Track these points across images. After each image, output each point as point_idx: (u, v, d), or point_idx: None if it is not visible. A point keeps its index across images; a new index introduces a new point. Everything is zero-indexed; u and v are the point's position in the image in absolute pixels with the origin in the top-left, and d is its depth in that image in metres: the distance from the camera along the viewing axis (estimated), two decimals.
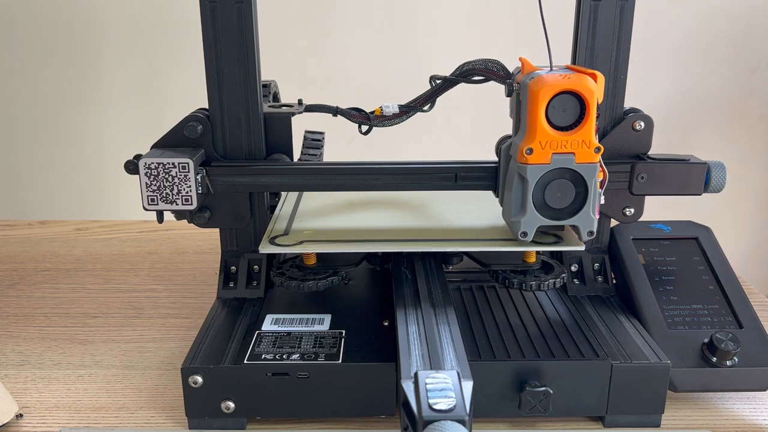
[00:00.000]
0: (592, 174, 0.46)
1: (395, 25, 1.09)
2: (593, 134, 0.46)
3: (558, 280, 0.52)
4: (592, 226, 0.48)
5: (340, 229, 0.55)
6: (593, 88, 0.45)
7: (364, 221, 0.57)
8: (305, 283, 0.53)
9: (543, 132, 0.45)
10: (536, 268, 0.54)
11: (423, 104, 0.56)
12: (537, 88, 0.45)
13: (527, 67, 0.48)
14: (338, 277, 0.54)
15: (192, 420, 0.48)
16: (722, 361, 0.48)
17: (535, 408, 0.46)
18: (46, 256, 0.82)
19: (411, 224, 0.57)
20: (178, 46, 1.09)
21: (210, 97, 0.54)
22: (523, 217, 0.48)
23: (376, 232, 0.54)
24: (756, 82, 1.13)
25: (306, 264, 0.55)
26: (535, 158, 0.46)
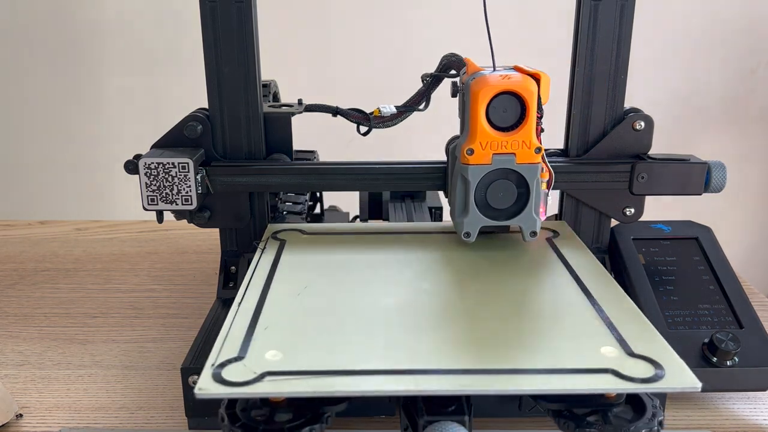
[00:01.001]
0: (533, 174, 0.46)
1: (395, 25, 1.09)
2: (533, 135, 0.46)
3: (655, 429, 0.36)
4: (535, 226, 0.48)
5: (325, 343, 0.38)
6: (533, 89, 0.45)
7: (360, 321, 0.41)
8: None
9: (483, 132, 0.45)
10: (619, 407, 0.37)
11: (418, 103, 0.56)
12: (477, 89, 0.45)
13: (471, 67, 0.48)
14: (320, 426, 0.36)
15: (192, 420, 0.48)
16: (722, 361, 0.48)
17: (535, 408, 0.46)
18: (45, 256, 0.82)
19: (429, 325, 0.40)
20: (178, 47, 1.09)
21: (210, 97, 0.54)
22: (465, 217, 0.48)
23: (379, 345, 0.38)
24: (756, 82, 1.13)
25: (273, 401, 0.37)
26: (476, 159, 0.46)
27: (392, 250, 0.52)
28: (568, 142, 0.56)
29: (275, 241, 0.53)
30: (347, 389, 0.34)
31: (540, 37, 0.89)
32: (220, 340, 0.38)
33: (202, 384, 0.34)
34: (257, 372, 0.35)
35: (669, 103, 1.13)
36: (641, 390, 0.34)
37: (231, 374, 0.34)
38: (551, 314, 0.41)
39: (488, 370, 0.35)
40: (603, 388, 0.34)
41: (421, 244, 0.53)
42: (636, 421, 0.36)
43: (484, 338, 0.39)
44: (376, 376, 0.35)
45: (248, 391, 0.34)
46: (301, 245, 0.53)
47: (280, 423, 0.36)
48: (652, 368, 0.35)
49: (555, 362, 0.36)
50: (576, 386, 0.34)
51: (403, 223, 0.65)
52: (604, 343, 0.37)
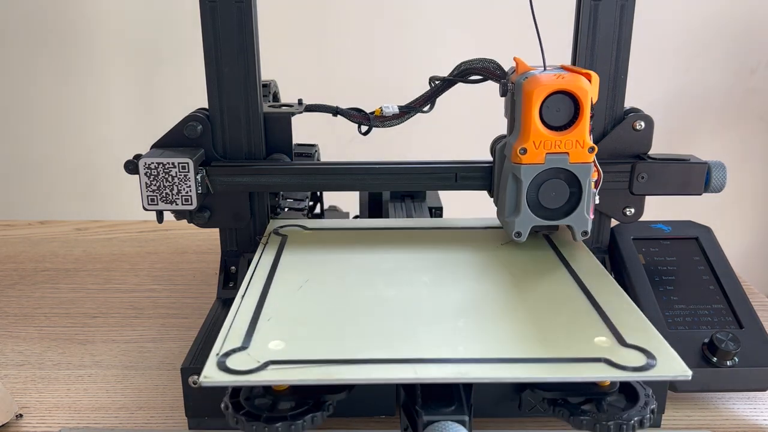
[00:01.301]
0: (586, 174, 0.46)
1: (395, 25, 1.09)
2: (587, 134, 0.46)
3: (647, 416, 0.37)
4: (587, 226, 0.48)
5: (327, 333, 0.39)
6: (587, 88, 0.45)
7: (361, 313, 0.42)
8: (271, 426, 0.36)
9: (537, 132, 0.45)
10: (612, 395, 0.39)
11: (422, 105, 0.56)
12: (531, 88, 0.45)
13: (521, 66, 0.48)
14: (322, 414, 0.37)
15: (192, 420, 0.48)
16: (722, 361, 0.48)
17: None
18: (45, 256, 0.82)
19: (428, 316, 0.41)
20: (178, 46, 1.09)
21: (210, 97, 0.54)
22: (517, 217, 0.47)
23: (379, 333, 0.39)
24: (756, 82, 1.13)
25: (276, 388, 0.38)
26: (529, 158, 0.46)
27: (393, 245, 0.53)
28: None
29: (277, 236, 0.54)
30: (349, 377, 0.35)
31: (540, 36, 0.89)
32: (224, 331, 0.38)
33: (207, 372, 0.34)
34: (261, 361, 0.35)
35: (669, 103, 1.13)
36: (633, 378, 0.36)
37: (235, 363, 0.35)
38: (547, 307, 0.42)
39: (485, 360, 0.36)
40: (596, 377, 0.36)
41: (422, 241, 0.54)
42: (629, 409, 0.37)
43: (481, 329, 0.39)
44: (376, 364, 0.35)
45: (252, 379, 0.34)
46: (303, 241, 0.53)
47: (282, 411, 0.37)
48: (644, 357, 0.36)
49: (550, 352, 0.36)
50: (570, 375, 0.35)
51: (404, 220, 0.65)
52: (598, 334, 0.38)
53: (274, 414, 0.37)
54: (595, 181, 0.48)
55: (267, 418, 0.36)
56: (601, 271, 0.47)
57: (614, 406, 0.38)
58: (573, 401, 0.38)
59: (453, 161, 0.54)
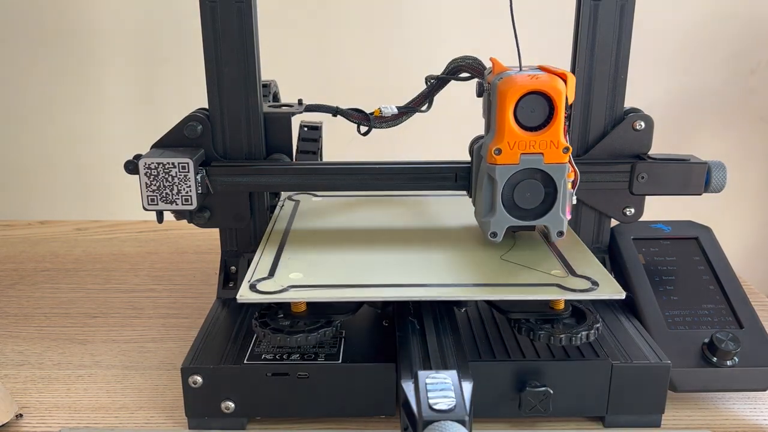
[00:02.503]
0: (561, 174, 0.46)
1: (395, 25, 1.09)
2: (562, 134, 0.46)
3: (592, 332, 0.45)
4: (562, 226, 0.48)
5: (335, 265, 0.48)
6: (562, 88, 0.45)
7: (364, 251, 0.51)
8: (292, 336, 0.45)
9: (511, 132, 0.45)
10: (565, 316, 0.47)
11: (420, 104, 0.56)
12: (505, 88, 0.45)
13: (497, 67, 0.48)
14: (332, 329, 0.46)
15: (192, 420, 0.48)
16: (722, 361, 0.48)
17: (535, 408, 0.46)
18: (45, 256, 0.82)
19: (418, 254, 0.50)
20: (178, 46, 1.09)
21: (210, 97, 0.54)
22: (492, 217, 0.48)
23: (378, 265, 0.48)
24: (756, 82, 1.13)
25: (294, 311, 0.47)
26: (504, 158, 0.46)
27: (395, 204, 0.62)
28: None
29: (291, 201, 0.63)
30: (353, 295, 0.44)
31: (540, 37, 0.90)
32: (253, 265, 0.48)
33: (242, 292, 0.43)
34: (284, 285, 0.45)
35: (669, 103, 1.13)
36: (576, 297, 0.44)
37: (264, 287, 0.44)
38: (516, 251, 0.51)
39: (465, 284, 0.45)
40: (548, 297, 0.44)
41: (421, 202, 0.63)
42: (578, 326, 0.46)
43: (463, 266, 0.48)
44: (376, 288, 0.45)
45: (277, 297, 0.44)
46: (314, 204, 0.63)
47: (300, 326, 0.45)
48: (589, 283, 0.45)
49: (516, 280, 0.46)
50: (529, 295, 0.44)
51: None
52: (553, 268, 0.47)
53: (294, 329, 0.45)
54: (571, 181, 0.48)
55: (288, 331, 0.45)
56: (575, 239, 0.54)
57: (567, 324, 0.46)
58: (534, 320, 0.46)
59: (453, 161, 0.54)
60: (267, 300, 0.44)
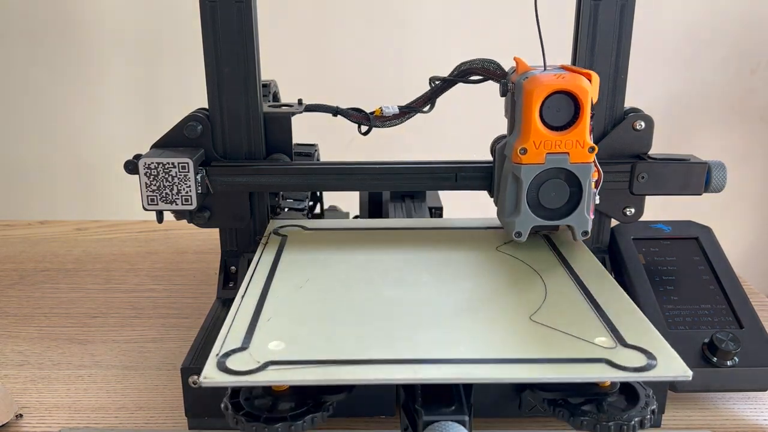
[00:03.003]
0: (586, 174, 0.46)
1: (396, 25, 1.09)
2: (587, 134, 0.46)
3: (647, 417, 0.37)
4: (587, 226, 0.48)
5: (326, 334, 0.39)
6: (587, 87, 0.45)
7: (361, 312, 0.42)
8: (271, 427, 0.36)
9: (537, 132, 0.45)
10: (613, 396, 0.38)
11: (423, 105, 0.56)
12: (531, 88, 0.45)
13: (522, 66, 0.48)
14: (322, 414, 0.37)
15: (192, 420, 0.48)
16: (723, 361, 0.48)
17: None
18: (45, 256, 0.82)
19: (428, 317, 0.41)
20: (178, 46, 1.09)
21: (210, 97, 0.54)
22: (517, 217, 0.47)
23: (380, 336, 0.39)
24: (756, 82, 1.13)
25: (275, 389, 0.38)
26: (530, 158, 0.46)
27: (393, 245, 0.53)
28: None
29: (277, 236, 0.54)
30: (348, 377, 0.34)
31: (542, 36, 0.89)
32: (224, 331, 0.38)
33: (207, 373, 0.34)
34: (261, 361, 0.35)
35: (669, 103, 1.13)
36: (633, 378, 0.35)
37: (235, 363, 0.35)
38: (548, 308, 0.42)
39: (486, 360, 0.36)
40: (596, 377, 0.35)
41: (421, 241, 0.54)
42: (629, 409, 0.37)
43: (481, 330, 0.39)
44: (376, 365, 0.35)
45: (252, 379, 0.34)
46: (302, 241, 0.54)
47: (282, 411, 0.37)
48: (645, 358, 0.36)
49: (551, 352, 0.36)
50: (570, 375, 0.35)
51: (404, 220, 0.65)
52: (598, 334, 0.38)
53: (273, 414, 0.37)
54: (595, 181, 0.48)
55: (267, 418, 0.36)
56: (601, 271, 0.47)
57: (614, 406, 0.38)
58: (573, 402, 0.38)
59: (453, 161, 0.54)
60: (239, 383, 0.35)
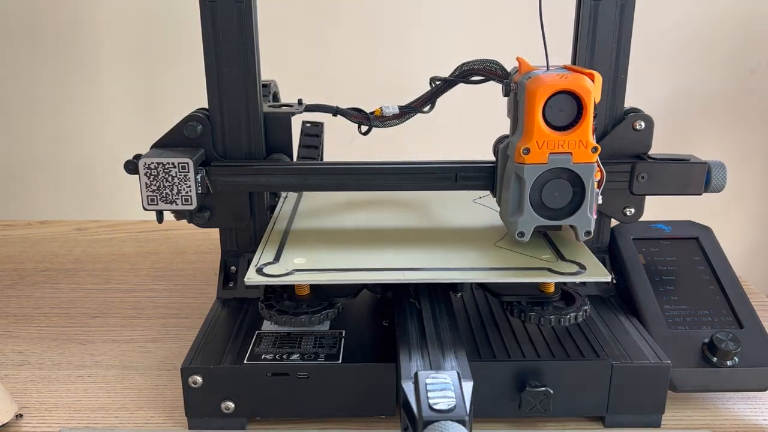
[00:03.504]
0: (589, 174, 0.46)
1: (396, 25, 1.09)
2: (590, 134, 0.45)
3: (580, 313, 0.48)
4: (590, 226, 0.48)
5: (337, 250, 0.51)
6: (590, 87, 0.45)
7: (364, 235, 0.54)
8: (297, 317, 0.48)
9: (540, 132, 0.45)
10: (555, 299, 0.50)
11: (423, 105, 0.56)
12: (534, 88, 0.45)
13: (524, 66, 0.48)
14: (334, 310, 0.49)
15: (192, 420, 0.48)
16: (722, 361, 0.48)
17: (535, 408, 0.46)
18: (45, 256, 0.82)
19: (416, 235, 0.53)
20: (178, 46, 1.09)
21: (210, 97, 0.54)
22: (520, 217, 0.47)
23: (378, 252, 0.50)
24: (756, 82, 1.13)
25: (298, 294, 0.50)
26: (532, 158, 0.46)
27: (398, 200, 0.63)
28: None
29: (294, 193, 0.65)
30: (353, 278, 0.46)
31: (540, 36, 0.89)
32: (259, 250, 0.50)
33: (249, 276, 0.45)
34: (289, 269, 0.47)
35: (669, 103, 1.13)
36: (565, 280, 0.47)
37: (270, 270, 0.47)
38: (509, 239, 0.52)
39: (460, 269, 0.47)
40: (540, 280, 0.48)
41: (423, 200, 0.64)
42: (567, 309, 0.49)
43: (458, 251, 0.50)
44: (374, 272, 0.47)
45: (283, 280, 0.46)
46: (317, 194, 0.65)
47: (304, 308, 0.48)
48: (577, 267, 0.47)
49: (508, 264, 0.48)
50: (521, 278, 0.46)
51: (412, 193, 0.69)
52: (545, 254, 0.49)
53: (298, 310, 0.48)
54: (598, 181, 0.48)
55: (293, 312, 0.48)
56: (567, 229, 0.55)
57: (556, 307, 0.49)
58: (525, 303, 0.49)
59: (453, 161, 0.54)
60: (273, 282, 0.45)
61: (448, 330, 0.46)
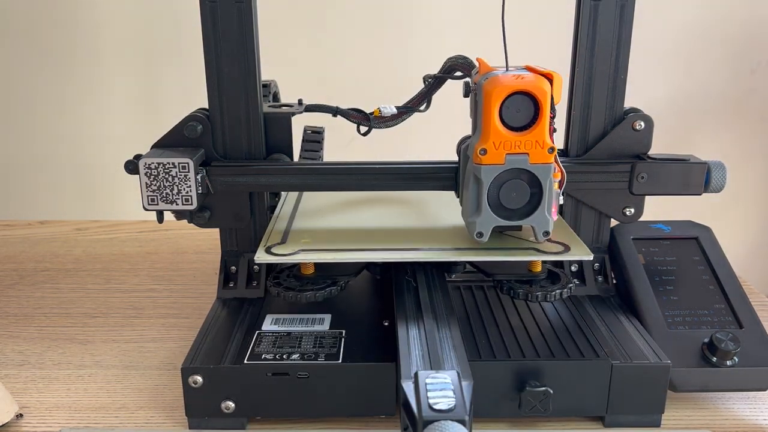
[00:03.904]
0: (546, 174, 0.46)
1: (396, 25, 1.09)
2: (547, 134, 0.45)
3: (565, 290, 0.51)
4: (548, 226, 0.48)
5: (339, 235, 0.54)
6: (547, 89, 0.44)
7: (365, 224, 0.56)
8: (303, 293, 0.51)
9: (497, 132, 0.45)
10: (542, 277, 0.53)
11: (419, 104, 0.56)
12: (490, 89, 0.45)
13: (484, 67, 0.48)
14: (337, 288, 0.52)
15: (192, 420, 0.48)
16: (722, 361, 0.48)
17: (535, 408, 0.46)
18: (45, 256, 0.82)
19: (413, 226, 0.56)
20: (178, 46, 1.09)
21: (210, 97, 0.54)
22: (478, 217, 0.47)
23: (378, 237, 0.53)
24: (756, 82, 1.13)
25: (303, 273, 0.53)
26: (489, 159, 0.46)
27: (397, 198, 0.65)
28: (568, 142, 0.56)
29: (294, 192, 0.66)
30: (357, 257, 0.50)
31: (540, 37, 0.90)
32: (267, 233, 0.54)
33: (259, 255, 0.49)
34: (295, 249, 0.50)
35: (669, 103, 1.13)
36: (549, 259, 0.49)
37: (278, 250, 0.50)
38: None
39: (453, 249, 0.50)
40: (527, 258, 0.50)
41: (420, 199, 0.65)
42: (553, 286, 0.51)
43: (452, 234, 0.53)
44: (376, 251, 0.50)
45: (290, 259, 0.49)
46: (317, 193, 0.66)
47: (309, 286, 0.52)
48: (561, 247, 0.50)
49: (498, 245, 0.50)
50: (510, 257, 0.49)
51: None
52: (531, 235, 0.50)
53: (303, 288, 0.52)
54: (558, 181, 0.48)
55: (299, 289, 0.51)
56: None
57: (542, 285, 0.52)
58: (514, 282, 0.52)
59: (453, 161, 0.54)
60: (281, 261, 0.49)
61: (442, 303, 0.49)
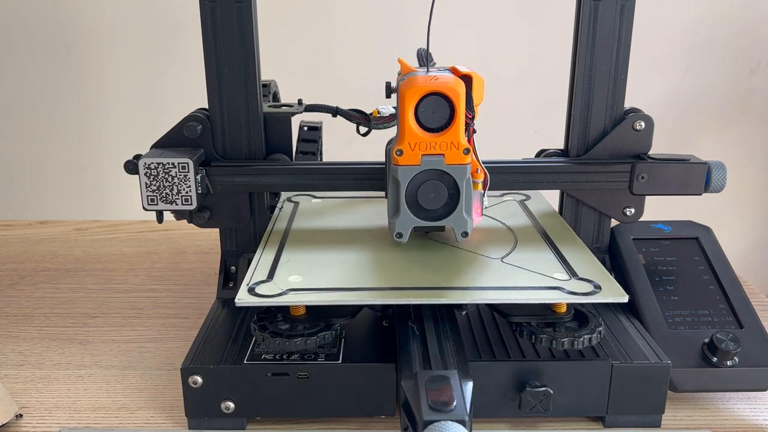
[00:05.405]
0: (462, 175, 0.46)
1: (395, 25, 1.09)
2: (462, 135, 0.45)
3: (594, 335, 0.45)
4: (466, 227, 0.47)
5: (334, 270, 0.48)
6: (461, 90, 0.44)
7: (363, 258, 0.50)
8: (291, 340, 0.44)
9: (412, 133, 0.45)
10: (567, 319, 0.47)
11: None
12: (405, 90, 0.45)
13: (404, 68, 0.48)
14: (331, 333, 0.45)
15: (192, 420, 0.48)
16: (722, 361, 0.48)
17: (535, 408, 0.46)
18: (45, 256, 0.82)
19: (418, 257, 0.50)
20: (178, 46, 1.09)
21: (210, 97, 0.54)
22: (397, 218, 0.47)
23: (378, 271, 0.48)
24: (756, 82, 1.13)
25: (293, 314, 0.47)
26: (406, 159, 0.46)
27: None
28: (568, 142, 0.56)
29: (290, 203, 0.63)
30: (354, 299, 0.44)
31: (540, 37, 0.89)
32: (252, 267, 0.48)
33: (241, 296, 0.43)
34: (283, 288, 0.44)
35: (669, 103, 1.13)
36: (580, 301, 0.44)
37: (263, 290, 0.44)
38: (517, 253, 0.51)
39: (466, 288, 0.45)
40: (553, 299, 0.44)
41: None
42: (581, 330, 0.45)
43: (463, 267, 0.48)
44: (376, 291, 0.44)
45: (276, 301, 0.43)
46: (312, 206, 0.63)
47: (299, 331, 0.45)
48: (591, 286, 0.45)
49: (517, 282, 0.46)
50: (534, 298, 0.44)
51: None
52: (557, 271, 0.47)
53: (293, 332, 0.45)
54: (481, 182, 0.48)
55: (288, 335, 0.45)
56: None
57: (569, 328, 0.46)
58: (536, 324, 0.46)
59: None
60: (266, 303, 0.43)
61: (453, 351, 0.43)
